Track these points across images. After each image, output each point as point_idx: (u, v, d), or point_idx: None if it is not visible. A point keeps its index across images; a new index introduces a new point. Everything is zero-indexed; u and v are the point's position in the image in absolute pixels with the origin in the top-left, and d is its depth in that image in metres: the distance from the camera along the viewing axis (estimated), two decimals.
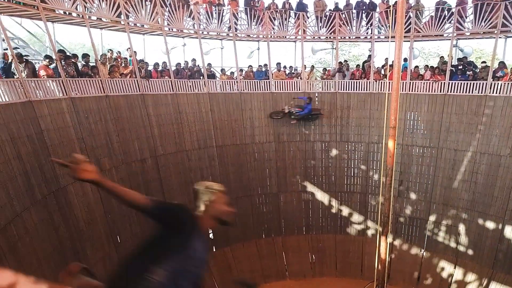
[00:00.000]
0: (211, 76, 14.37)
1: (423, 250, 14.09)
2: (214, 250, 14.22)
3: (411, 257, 14.19)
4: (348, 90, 14.66)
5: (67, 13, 10.87)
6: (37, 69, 10.21)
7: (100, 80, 11.08)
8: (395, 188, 13.27)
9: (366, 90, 14.48)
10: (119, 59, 12.44)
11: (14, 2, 9.73)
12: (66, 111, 9.95)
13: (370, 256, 13.58)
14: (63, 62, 10.26)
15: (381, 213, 10.54)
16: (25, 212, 8.18)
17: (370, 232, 14.85)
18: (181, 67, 13.76)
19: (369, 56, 15.55)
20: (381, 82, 14.30)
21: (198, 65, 14.20)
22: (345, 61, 16.16)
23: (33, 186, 8.66)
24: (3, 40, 10.73)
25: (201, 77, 13.95)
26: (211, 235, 14.28)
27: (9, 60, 9.16)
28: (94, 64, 11.36)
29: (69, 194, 9.75)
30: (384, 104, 12.12)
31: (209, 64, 14.40)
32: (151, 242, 2.18)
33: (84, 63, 11.21)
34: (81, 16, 11.04)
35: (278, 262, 14.90)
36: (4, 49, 11.16)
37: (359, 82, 14.59)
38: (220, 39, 15.16)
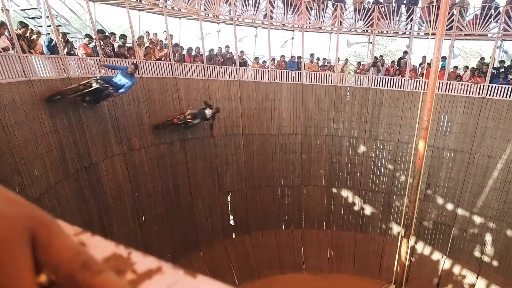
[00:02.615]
0: (243, 63, 14.38)
1: (445, 256, 13.77)
2: (234, 236, 14.45)
3: (432, 262, 13.91)
4: (382, 86, 14.33)
5: None
6: (76, 47, 10.55)
7: (135, 61, 11.31)
8: (421, 191, 12.98)
9: (400, 87, 14.10)
10: (154, 41, 12.62)
11: None
12: None
13: (390, 257, 13.42)
14: (101, 42, 10.52)
15: (405, 215, 10.36)
16: (58, 184, 8.55)
17: (391, 233, 14.64)
18: (214, 53, 13.83)
19: (405, 52, 15.12)
20: (416, 80, 13.89)
21: (231, 52, 14.23)
22: (381, 56, 15.75)
23: (67, 160, 9.03)
24: (47, 17, 11.13)
25: (233, 64, 13.99)
26: (232, 222, 14.53)
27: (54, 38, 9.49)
28: (130, 45, 11.59)
29: (100, 170, 10.11)
30: (417, 104, 11.79)
31: (242, 52, 14.39)
32: None
33: (121, 44, 11.44)
34: None
35: (296, 254, 14.97)
36: (47, 26, 11.60)
37: (393, 79, 14.23)
38: (255, 27, 15.12)
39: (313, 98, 14.60)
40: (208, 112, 11.96)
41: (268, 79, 14.41)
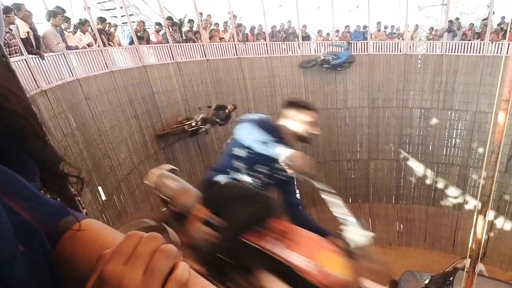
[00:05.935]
0: (306, 38, 14.16)
1: None
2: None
3: None
4: (457, 52, 13.25)
5: None
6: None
7: (202, 44, 11.77)
8: (502, 163, 12.05)
9: (479, 52, 12.93)
10: (208, 23, 12.74)
11: None
12: (173, 75, 10.94)
13: (465, 232, 12.86)
14: (170, 29, 11.09)
15: (482, 189, 9.79)
16: (141, 165, 9.49)
17: (467, 207, 13.93)
18: (276, 30, 13.78)
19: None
20: (499, 43, 12.61)
21: (293, 27, 14.06)
22: (457, 18, 14.43)
23: (147, 142, 9.94)
24: (121, 7, 11.96)
25: (296, 39, 13.84)
26: (298, 196, 14.86)
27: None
28: (196, 29, 12.03)
29: (175, 151, 10.94)
30: (499, 69, 10.76)
31: (304, 25, 14.14)
32: None
33: (189, 28, 11.92)
34: None
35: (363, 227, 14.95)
36: (121, 16, 12.49)
37: (471, 43, 13.06)
38: None
39: (380, 69, 14.01)
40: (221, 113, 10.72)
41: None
